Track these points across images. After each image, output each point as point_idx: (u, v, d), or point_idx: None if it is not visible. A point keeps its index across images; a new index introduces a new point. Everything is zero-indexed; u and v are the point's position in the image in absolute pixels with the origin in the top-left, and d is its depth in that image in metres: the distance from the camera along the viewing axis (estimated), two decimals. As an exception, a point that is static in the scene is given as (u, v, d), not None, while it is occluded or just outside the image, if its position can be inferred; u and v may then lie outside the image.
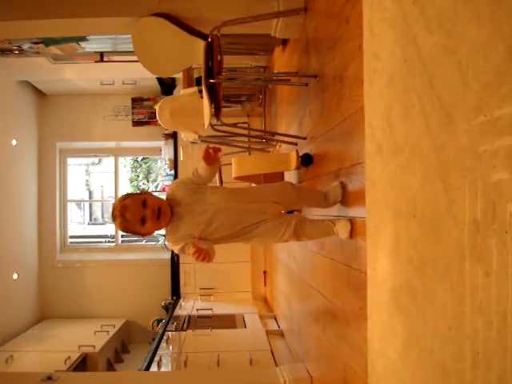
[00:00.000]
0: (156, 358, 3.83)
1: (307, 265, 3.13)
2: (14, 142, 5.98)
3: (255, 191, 2.39)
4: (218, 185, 4.30)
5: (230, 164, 3.46)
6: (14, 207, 5.97)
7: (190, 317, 5.01)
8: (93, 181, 10.44)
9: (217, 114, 3.13)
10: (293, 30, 3.28)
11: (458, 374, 1.06)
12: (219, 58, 3.03)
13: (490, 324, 0.94)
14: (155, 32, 3.05)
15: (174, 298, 6.02)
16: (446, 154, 1.11)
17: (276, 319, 4.95)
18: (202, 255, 1.90)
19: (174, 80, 6.15)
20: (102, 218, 10.44)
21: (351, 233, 2.04)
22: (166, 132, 6.09)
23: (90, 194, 10.55)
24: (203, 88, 2.94)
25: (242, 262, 5.92)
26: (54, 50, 4.72)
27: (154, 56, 3.17)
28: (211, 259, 1.98)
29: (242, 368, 3.64)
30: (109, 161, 7.88)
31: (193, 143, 4.50)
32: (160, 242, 6.68)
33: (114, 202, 2.13)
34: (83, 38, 4.51)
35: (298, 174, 3.29)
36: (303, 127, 3.16)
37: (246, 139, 4.31)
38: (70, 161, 7.47)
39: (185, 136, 3.98)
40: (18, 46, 4.65)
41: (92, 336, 5.62)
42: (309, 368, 3.10)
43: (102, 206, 10.80)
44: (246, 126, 5.18)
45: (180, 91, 4.05)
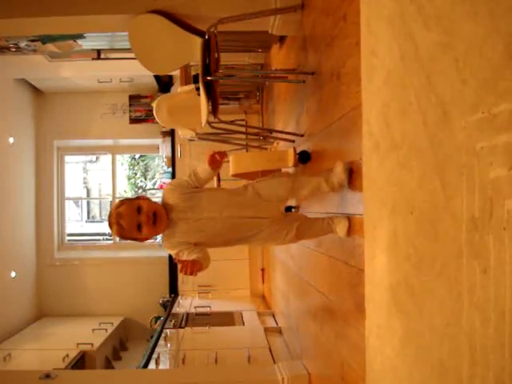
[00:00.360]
0: (154, 356, 3.83)
1: (305, 262, 3.13)
2: (11, 140, 5.96)
3: (253, 195, 2.16)
4: (215, 185, 4.29)
5: (228, 161, 3.46)
6: (11, 205, 5.97)
7: (188, 314, 5.01)
8: (90, 178, 10.44)
9: (214, 111, 3.13)
10: (290, 27, 3.27)
11: (456, 371, 1.06)
12: (216, 56, 3.03)
13: (487, 321, 0.94)
14: (152, 29, 3.04)
15: (172, 295, 6.01)
16: (444, 150, 1.11)
17: (274, 316, 4.95)
18: (188, 269, 1.84)
19: (171, 77, 6.14)
20: (100, 216, 10.44)
21: (349, 230, 2.04)
22: (164, 129, 6.09)
23: (88, 191, 10.55)
24: (200, 85, 2.93)
25: (240, 259, 5.92)
26: (50, 47, 4.71)
27: (151, 53, 3.16)
28: (200, 270, 1.92)
29: (240, 365, 3.64)
30: (106, 158, 7.86)
31: (190, 141, 4.49)
32: (158, 240, 6.68)
33: (110, 208, 2.13)
34: (80, 36, 4.50)
35: (296, 172, 3.29)
36: (301, 124, 3.15)
37: (244, 136, 4.30)
38: (68, 159, 7.46)
39: (182, 133, 3.97)
40: (15, 44, 4.64)
41: (90, 334, 5.62)
42: (307, 365, 3.10)
43: (100, 204, 10.80)
44: (243, 123, 5.18)
45: (177, 89, 4.04)
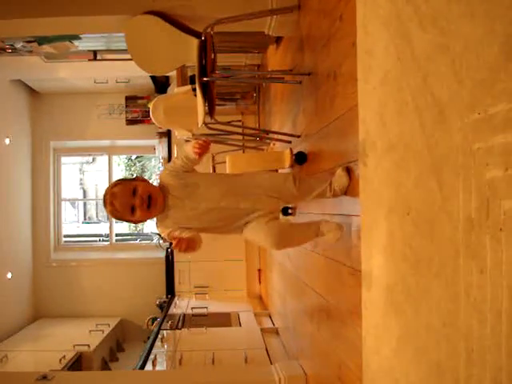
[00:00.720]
0: (151, 357, 3.82)
1: (301, 263, 3.13)
2: (7, 141, 5.95)
3: (254, 184, 2.13)
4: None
5: (225, 162, 3.46)
6: (7, 206, 5.95)
7: (184, 315, 5.01)
8: (87, 179, 10.41)
9: (211, 112, 3.13)
10: (286, 28, 3.27)
11: (453, 371, 1.06)
12: (213, 56, 3.03)
13: (484, 321, 0.94)
14: (149, 30, 3.04)
15: (169, 296, 6.00)
16: (440, 151, 1.11)
17: (271, 317, 4.96)
18: (183, 245, 1.84)
19: (167, 78, 6.13)
20: (97, 217, 10.41)
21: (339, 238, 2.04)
22: (160, 130, 6.08)
23: (84, 192, 10.52)
24: (197, 86, 2.93)
25: (237, 260, 5.91)
26: (47, 48, 4.70)
27: (148, 54, 3.16)
28: (194, 248, 1.92)
29: (237, 366, 3.64)
30: (103, 159, 7.85)
31: (187, 141, 4.49)
32: (155, 241, 6.68)
33: (107, 187, 2.09)
34: (76, 37, 4.49)
35: (293, 172, 3.29)
36: (297, 125, 3.15)
37: (240, 137, 4.31)
38: (64, 160, 7.44)
39: (179, 134, 3.97)
40: (11, 45, 4.63)
41: (87, 335, 5.61)
42: (303, 366, 3.10)
43: (97, 205, 10.75)
44: (240, 124, 5.18)
45: (174, 89, 4.03)
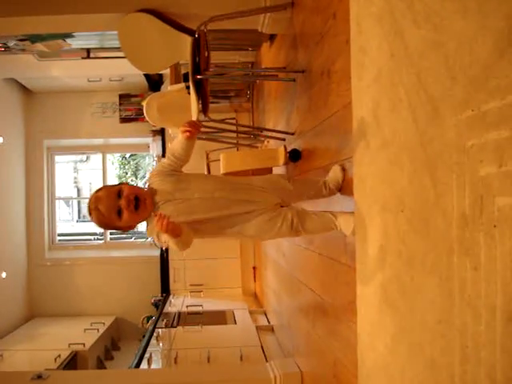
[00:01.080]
0: (146, 355, 3.81)
1: (296, 260, 3.14)
2: (0, 139, 5.93)
3: (246, 183, 2.06)
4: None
5: (219, 160, 3.46)
6: (1, 205, 5.93)
7: (179, 313, 5.00)
8: (81, 178, 10.38)
9: (204, 109, 3.12)
10: (280, 26, 3.27)
11: (448, 368, 1.06)
12: (206, 54, 3.02)
13: (478, 318, 0.94)
14: (142, 28, 3.03)
15: (164, 294, 6.00)
16: (434, 148, 1.11)
17: (266, 315, 4.96)
18: (164, 222, 1.65)
19: (161, 76, 6.12)
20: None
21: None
22: (154, 128, 6.07)
23: (79, 191, 10.48)
24: (190, 84, 2.93)
25: (231, 257, 5.91)
26: (40, 46, 4.69)
27: (141, 52, 3.16)
28: (177, 232, 1.73)
29: (233, 364, 3.64)
30: (97, 158, 7.83)
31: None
32: (149, 239, 6.66)
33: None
34: (69, 35, 4.48)
35: (287, 170, 3.29)
36: (291, 123, 3.15)
37: (234, 135, 4.30)
38: (58, 158, 7.42)
39: (173, 132, 3.97)
40: (4, 43, 4.61)
41: (82, 334, 5.60)
42: (299, 363, 3.10)
43: (91, 204, 10.72)
44: (233, 121, 5.17)
45: (167, 87, 4.03)
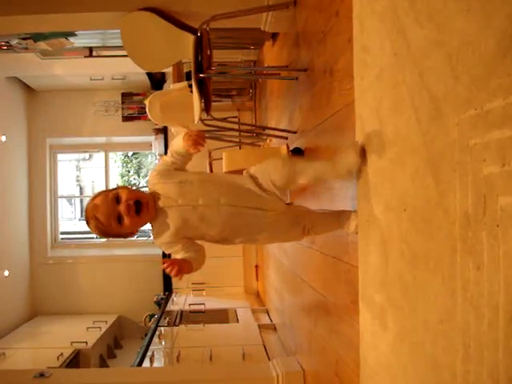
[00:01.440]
0: (148, 354, 3.82)
1: (298, 259, 3.13)
2: (3, 138, 5.95)
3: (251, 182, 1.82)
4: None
5: (221, 158, 3.46)
6: (4, 204, 5.94)
7: (182, 312, 5.00)
8: (83, 176, 10.40)
9: (207, 108, 3.12)
10: (282, 24, 3.26)
11: (450, 368, 1.06)
12: (209, 53, 3.02)
13: (481, 317, 0.94)
14: (144, 26, 3.03)
15: (167, 293, 6.01)
16: (436, 147, 1.10)
17: (268, 313, 4.96)
18: (174, 270, 1.67)
19: (163, 75, 6.12)
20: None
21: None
22: (157, 127, 6.08)
23: (81, 189, 10.50)
24: (193, 83, 2.93)
25: (234, 256, 5.92)
26: (42, 45, 4.69)
27: (144, 50, 3.15)
28: (189, 271, 1.74)
29: (235, 362, 3.64)
30: (99, 156, 7.84)
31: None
32: (151, 238, 6.66)
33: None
34: (72, 33, 4.48)
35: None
36: (293, 121, 3.15)
37: (237, 133, 4.30)
38: (61, 157, 7.44)
39: (175, 131, 3.97)
40: (7, 42, 4.62)
41: (84, 332, 5.61)
42: (301, 362, 3.10)
43: (93, 202, 10.72)
44: (236, 120, 5.17)
45: (170, 86, 4.03)
